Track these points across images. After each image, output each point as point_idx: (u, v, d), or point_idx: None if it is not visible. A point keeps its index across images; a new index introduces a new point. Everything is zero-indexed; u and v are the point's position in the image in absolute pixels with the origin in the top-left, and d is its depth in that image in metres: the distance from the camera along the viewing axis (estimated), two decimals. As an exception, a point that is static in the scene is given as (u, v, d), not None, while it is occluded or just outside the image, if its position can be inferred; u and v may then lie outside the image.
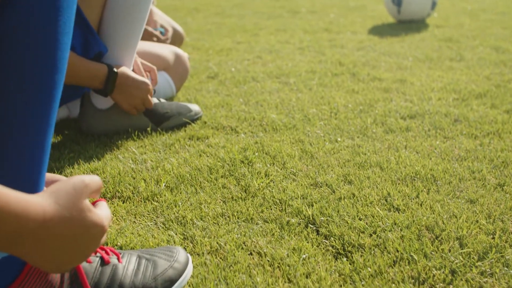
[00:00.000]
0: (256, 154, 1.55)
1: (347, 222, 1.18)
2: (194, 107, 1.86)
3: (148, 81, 1.71)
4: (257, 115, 1.88)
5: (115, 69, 1.62)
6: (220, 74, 2.52)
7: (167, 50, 2.10)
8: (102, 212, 0.67)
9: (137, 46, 1.74)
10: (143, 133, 1.73)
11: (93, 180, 0.67)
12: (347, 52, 3.03)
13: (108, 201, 1.31)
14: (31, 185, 0.78)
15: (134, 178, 1.41)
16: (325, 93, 2.18)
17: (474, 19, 4.28)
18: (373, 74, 2.47)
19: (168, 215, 1.22)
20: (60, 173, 1.44)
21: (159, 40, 2.27)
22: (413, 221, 1.18)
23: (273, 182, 1.38)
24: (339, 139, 1.67)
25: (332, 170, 1.45)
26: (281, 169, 1.46)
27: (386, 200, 1.28)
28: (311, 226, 1.18)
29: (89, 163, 1.50)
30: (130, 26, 1.65)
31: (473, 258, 1.05)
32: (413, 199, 1.29)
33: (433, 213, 1.22)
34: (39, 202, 0.59)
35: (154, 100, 1.77)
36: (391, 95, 2.13)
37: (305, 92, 2.19)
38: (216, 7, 5.40)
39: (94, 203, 0.71)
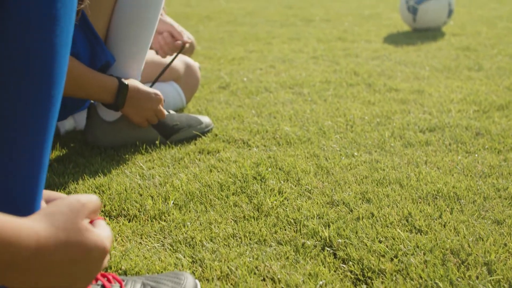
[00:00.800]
0: (269, 169, 1.48)
1: (366, 245, 1.11)
2: (205, 119, 1.79)
3: (158, 91, 1.65)
4: (270, 128, 1.81)
5: (125, 82, 1.56)
6: (232, 84, 2.45)
7: (177, 60, 2.04)
8: (102, 232, 0.61)
9: (146, 56, 1.68)
10: (152, 146, 1.67)
11: (91, 200, 0.61)
12: (362, 61, 2.96)
13: (113, 219, 1.24)
14: (27, 200, 0.72)
15: (141, 195, 1.34)
16: (340, 104, 2.11)
17: (491, 27, 4.20)
18: (390, 84, 2.40)
19: (176, 235, 1.16)
20: (64, 189, 1.38)
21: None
22: (437, 244, 1.11)
23: (287, 200, 1.31)
24: (355, 153, 1.60)
25: (349, 187, 1.38)
26: (295, 186, 1.39)
27: (407, 221, 1.21)
28: (328, 249, 1.11)
29: (94, 179, 1.43)
30: (139, 35, 1.59)
31: (503, 286, 0.97)
32: (435, 219, 1.21)
33: (458, 235, 1.14)
34: (31, 227, 0.53)
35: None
36: (409, 107, 2.05)
37: (320, 104, 2.12)
38: (229, 15, 5.35)
39: (91, 222, 0.65)
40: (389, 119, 1.91)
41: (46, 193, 0.81)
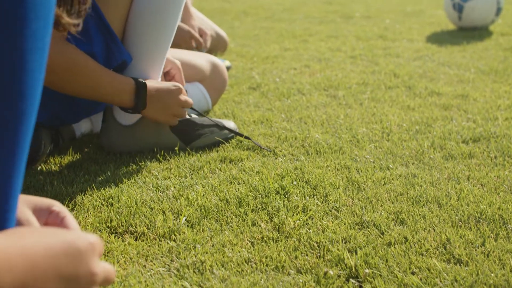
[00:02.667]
0: (295, 183, 1.35)
1: (397, 277, 0.98)
2: (230, 124, 1.67)
3: (176, 83, 1.53)
4: (299, 134, 1.69)
5: (142, 81, 1.45)
6: (263, 84, 2.33)
7: (202, 59, 1.92)
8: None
9: (167, 54, 1.56)
10: (170, 153, 1.55)
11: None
12: (402, 62, 2.80)
13: (119, 237, 1.13)
14: None
15: (152, 210, 1.23)
16: (377, 109, 1.97)
17: (542, 26, 3.98)
18: (431, 87, 2.25)
19: (185, 259, 1.04)
20: (70, 200, 1.28)
21: (197, 47, 2.09)
22: (478, 278, 0.97)
23: (312, 220, 1.19)
24: (391, 166, 1.46)
25: (381, 205, 1.24)
26: (321, 203, 1.26)
27: (445, 248, 1.07)
28: (353, 280, 0.98)
29: (104, 189, 1.33)
30: (158, 31, 1.48)
31: (556, 336, 0.83)
32: (477, 247, 1.07)
33: (503, 269, 1.00)
34: None
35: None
36: (451, 113, 1.90)
37: (355, 108, 1.99)
38: (266, 11, 5.22)
39: None
40: (429, 126, 1.76)
41: (34, 199, 0.72)
